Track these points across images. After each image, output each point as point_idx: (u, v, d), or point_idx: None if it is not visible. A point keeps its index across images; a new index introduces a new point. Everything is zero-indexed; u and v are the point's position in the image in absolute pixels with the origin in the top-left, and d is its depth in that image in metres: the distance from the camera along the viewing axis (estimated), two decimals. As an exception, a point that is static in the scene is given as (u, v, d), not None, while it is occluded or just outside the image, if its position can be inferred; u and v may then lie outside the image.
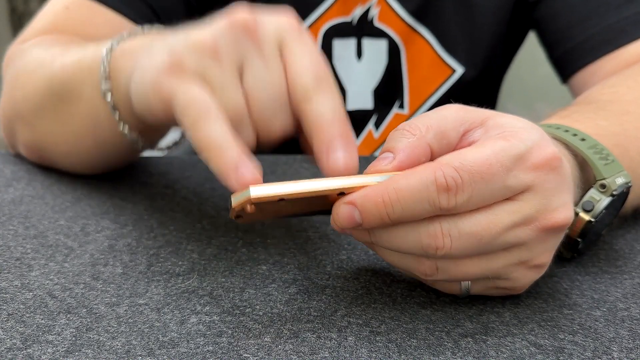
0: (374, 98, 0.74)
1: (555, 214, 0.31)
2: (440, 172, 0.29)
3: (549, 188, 0.31)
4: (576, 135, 0.40)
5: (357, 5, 0.70)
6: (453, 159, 0.30)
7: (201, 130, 0.32)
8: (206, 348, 0.31)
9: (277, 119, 0.34)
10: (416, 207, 0.30)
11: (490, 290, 0.35)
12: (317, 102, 0.33)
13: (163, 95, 0.34)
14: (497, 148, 0.30)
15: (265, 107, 0.34)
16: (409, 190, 0.30)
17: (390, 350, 0.31)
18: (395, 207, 0.30)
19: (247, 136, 0.34)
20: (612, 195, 0.38)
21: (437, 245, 0.30)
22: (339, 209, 0.31)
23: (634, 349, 0.32)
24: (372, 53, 0.72)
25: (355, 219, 0.31)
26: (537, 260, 0.33)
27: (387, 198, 0.30)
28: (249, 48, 0.34)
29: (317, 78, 0.34)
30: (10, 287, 0.36)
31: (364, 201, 0.30)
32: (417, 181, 0.30)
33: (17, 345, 0.31)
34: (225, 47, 0.34)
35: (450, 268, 0.32)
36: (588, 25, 0.64)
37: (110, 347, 0.31)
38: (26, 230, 0.43)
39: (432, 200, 0.29)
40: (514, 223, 0.31)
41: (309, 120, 0.34)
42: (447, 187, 0.29)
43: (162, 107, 0.34)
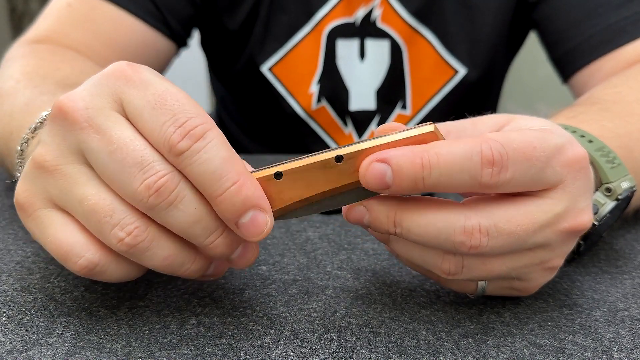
0: (377, 98, 0.74)
1: (581, 215, 0.31)
2: (487, 144, 0.28)
3: (578, 187, 0.31)
4: (584, 137, 0.40)
5: (361, 6, 0.70)
6: (498, 135, 0.29)
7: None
8: (206, 349, 0.31)
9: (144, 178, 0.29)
10: (455, 177, 0.28)
11: (504, 291, 0.34)
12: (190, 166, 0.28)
13: (33, 236, 0.32)
14: (539, 136, 0.29)
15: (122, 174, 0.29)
16: (451, 156, 0.28)
17: (390, 350, 0.31)
18: (433, 172, 0.28)
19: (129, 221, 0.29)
20: (617, 200, 0.38)
21: (472, 244, 0.29)
22: (368, 166, 0.29)
23: (634, 349, 0.32)
24: (375, 54, 0.72)
25: (386, 179, 0.28)
26: (554, 262, 0.33)
27: (426, 160, 0.28)
28: (78, 133, 0.29)
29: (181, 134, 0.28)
30: (10, 290, 0.36)
31: (401, 160, 0.28)
32: (462, 149, 0.28)
33: (17, 348, 0.31)
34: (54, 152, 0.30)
35: (476, 266, 0.31)
36: (588, 25, 0.64)
37: (111, 350, 0.31)
38: (26, 234, 0.43)
39: (474, 172, 0.28)
40: (547, 222, 0.30)
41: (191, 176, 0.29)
42: (493, 161, 0.28)
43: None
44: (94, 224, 0.30)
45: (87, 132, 0.29)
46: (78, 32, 0.60)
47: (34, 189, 0.31)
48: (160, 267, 0.31)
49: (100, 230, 0.30)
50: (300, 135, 0.76)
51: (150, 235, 0.30)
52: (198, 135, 0.28)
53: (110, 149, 0.29)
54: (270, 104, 0.75)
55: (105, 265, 0.31)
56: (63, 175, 0.30)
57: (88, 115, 0.29)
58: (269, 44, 0.72)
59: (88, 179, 0.30)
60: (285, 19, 0.71)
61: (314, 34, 0.71)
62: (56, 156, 0.30)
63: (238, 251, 0.32)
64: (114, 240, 0.29)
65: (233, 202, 0.29)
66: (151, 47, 0.65)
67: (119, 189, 0.29)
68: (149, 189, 0.28)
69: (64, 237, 0.30)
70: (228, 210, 0.29)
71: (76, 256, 0.30)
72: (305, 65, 0.72)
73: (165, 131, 0.28)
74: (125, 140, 0.29)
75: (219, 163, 0.28)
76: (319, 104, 0.74)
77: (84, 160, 0.30)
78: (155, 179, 0.28)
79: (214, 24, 0.73)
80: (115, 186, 0.29)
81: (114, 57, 0.61)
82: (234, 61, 0.75)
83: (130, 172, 0.28)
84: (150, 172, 0.28)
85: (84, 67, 0.55)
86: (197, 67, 2.17)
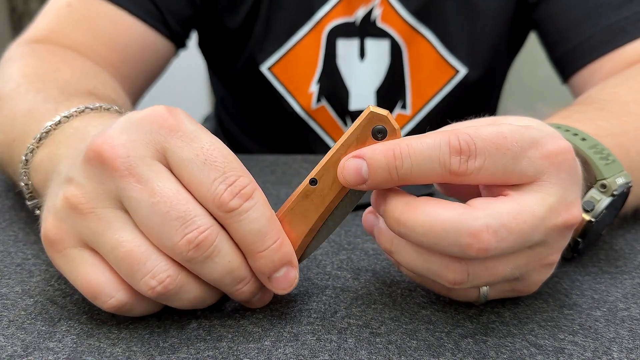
0: (377, 98, 0.74)
1: (571, 208, 0.31)
2: (454, 135, 0.29)
3: (564, 179, 0.31)
4: (577, 135, 0.40)
5: (361, 5, 0.70)
6: (468, 128, 0.30)
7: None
8: (206, 353, 0.31)
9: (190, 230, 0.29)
10: (426, 165, 0.29)
11: (505, 293, 0.34)
12: (237, 223, 0.30)
13: (59, 270, 0.32)
14: (513, 129, 0.30)
15: (163, 227, 0.29)
16: (421, 146, 0.29)
17: (390, 351, 0.31)
18: (405, 162, 0.29)
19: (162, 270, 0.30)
20: (613, 196, 0.38)
21: (480, 247, 0.29)
22: (344, 164, 0.31)
23: (634, 349, 0.32)
24: (374, 53, 0.72)
25: (362, 172, 0.30)
26: (551, 258, 0.33)
27: (397, 151, 0.29)
28: (117, 180, 0.30)
29: (229, 195, 0.29)
30: (11, 293, 0.36)
31: (373, 154, 0.30)
32: (431, 140, 0.29)
33: (18, 353, 0.31)
34: (90, 195, 0.30)
35: (480, 272, 0.31)
36: (588, 26, 0.64)
37: (111, 354, 0.31)
38: (27, 236, 0.44)
39: (443, 161, 0.29)
40: (544, 215, 0.30)
41: (234, 233, 0.30)
42: (460, 150, 0.29)
43: None
44: (125, 270, 0.30)
45: (127, 181, 0.29)
46: (78, 32, 0.60)
47: (65, 228, 0.31)
48: (184, 306, 0.32)
49: (131, 276, 0.30)
50: (300, 135, 0.76)
51: (180, 282, 0.30)
52: (248, 195, 0.30)
53: (152, 201, 0.29)
54: (270, 103, 0.75)
55: (134, 305, 0.31)
56: (98, 219, 0.30)
57: (129, 164, 0.29)
58: (269, 44, 0.72)
59: (123, 224, 0.30)
60: (285, 18, 0.71)
61: (314, 34, 0.71)
62: (91, 199, 0.30)
63: (258, 295, 0.33)
64: (145, 288, 0.30)
65: (272, 259, 0.31)
66: (151, 48, 0.65)
67: (157, 240, 0.30)
68: (189, 244, 0.29)
69: (94, 277, 0.31)
70: (266, 266, 0.31)
71: (106, 296, 0.31)
72: (305, 64, 0.72)
73: (216, 188, 0.29)
74: (168, 193, 0.29)
75: (264, 222, 0.30)
76: (319, 103, 0.74)
77: (120, 205, 0.30)
78: (196, 234, 0.29)
79: (214, 24, 0.73)
80: (154, 237, 0.30)
81: (114, 58, 0.61)
82: (233, 61, 0.75)
83: (171, 226, 0.29)
84: (192, 226, 0.29)
85: (84, 67, 0.55)
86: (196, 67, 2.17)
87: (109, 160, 0.29)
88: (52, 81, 0.49)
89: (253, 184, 0.30)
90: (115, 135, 0.30)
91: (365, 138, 0.31)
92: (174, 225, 0.29)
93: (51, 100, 0.44)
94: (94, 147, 0.30)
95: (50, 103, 0.44)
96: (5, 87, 0.49)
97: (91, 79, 0.52)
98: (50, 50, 0.57)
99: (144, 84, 0.67)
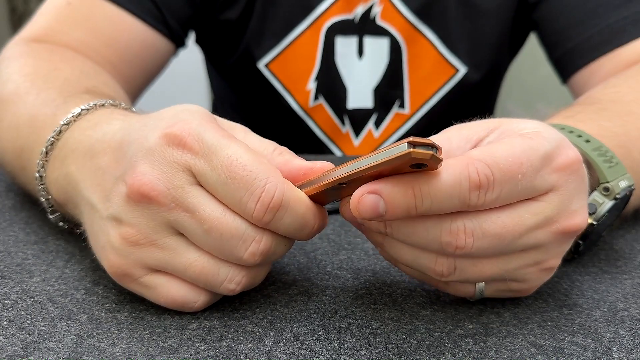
0: (374, 97, 0.74)
1: (574, 216, 0.31)
2: (473, 167, 0.28)
3: (571, 189, 0.31)
4: (581, 137, 0.40)
5: (360, 3, 0.70)
6: (484, 155, 0.29)
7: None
8: (206, 353, 0.31)
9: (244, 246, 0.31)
10: (445, 202, 0.29)
11: (502, 293, 0.35)
12: (277, 228, 0.32)
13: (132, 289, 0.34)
14: (526, 146, 0.30)
15: (223, 247, 0.31)
16: (441, 184, 0.28)
17: (390, 352, 0.31)
18: (425, 201, 0.28)
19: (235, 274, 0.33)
20: (615, 199, 0.38)
21: (458, 245, 0.30)
22: (360, 198, 0.29)
23: (634, 349, 0.32)
24: (373, 51, 0.72)
25: (379, 210, 0.29)
26: (550, 263, 0.33)
27: (417, 190, 0.28)
28: (167, 214, 0.31)
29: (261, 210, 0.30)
30: (11, 293, 0.36)
31: (392, 192, 0.29)
32: (451, 177, 0.28)
33: (18, 353, 0.31)
34: (146, 231, 0.31)
35: (467, 268, 0.31)
36: (587, 26, 0.64)
37: (111, 354, 0.31)
38: (27, 236, 0.43)
39: (463, 197, 0.29)
40: (537, 225, 0.30)
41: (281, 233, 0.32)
42: (480, 185, 0.28)
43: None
44: (203, 283, 0.33)
45: (176, 212, 0.31)
46: (78, 31, 0.60)
47: (131, 262, 0.32)
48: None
49: (211, 287, 0.33)
50: (297, 133, 0.76)
51: (254, 275, 0.33)
52: (277, 205, 0.30)
53: (205, 228, 0.31)
54: (267, 100, 0.75)
55: (216, 298, 0.35)
56: (161, 249, 0.32)
57: (172, 196, 0.31)
58: (266, 40, 0.71)
59: (187, 247, 0.32)
60: (281, 14, 0.71)
61: (312, 31, 0.71)
62: (148, 234, 0.31)
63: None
64: (226, 291, 0.33)
65: (312, 234, 0.33)
66: (150, 47, 0.65)
67: (223, 257, 0.32)
68: (254, 256, 0.31)
69: (176, 293, 0.33)
70: (308, 238, 0.34)
71: (192, 303, 0.33)
72: (303, 61, 0.72)
73: (246, 207, 0.30)
74: (216, 216, 0.31)
75: (301, 220, 0.31)
76: (317, 101, 0.74)
77: (175, 232, 0.32)
78: (256, 245, 0.31)
79: (211, 22, 0.72)
80: (219, 255, 0.32)
81: (114, 57, 0.61)
82: (230, 54, 0.75)
83: (230, 245, 0.31)
84: (248, 240, 0.31)
85: (84, 67, 0.55)
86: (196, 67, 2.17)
87: (153, 199, 0.30)
88: (52, 80, 0.48)
89: (280, 187, 0.30)
90: (148, 172, 0.31)
91: (402, 168, 0.29)
92: (233, 244, 0.31)
93: (50, 103, 0.44)
94: (135, 190, 0.31)
95: (50, 107, 0.44)
96: (5, 88, 0.49)
97: (91, 78, 0.52)
98: (49, 49, 0.56)
99: (143, 83, 0.67)
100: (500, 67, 0.79)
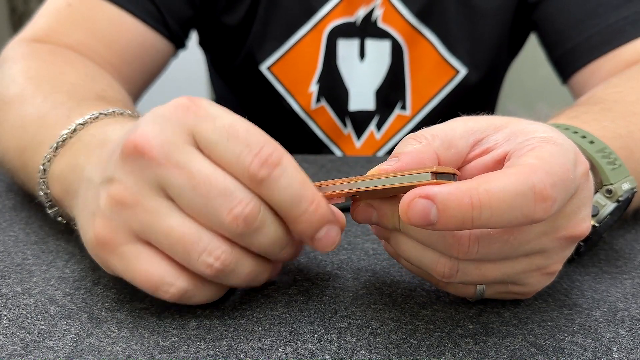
0: (376, 99, 0.74)
1: (580, 224, 0.31)
2: (537, 177, 0.26)
3: (584, 197, 0.31)
4: (585, 138, 0.40)
5: (361, 5, 0.70)
6: (542, 163, 0.27)
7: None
8: (206, 352, 0.31)
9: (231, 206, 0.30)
10: (506, 215, 0.26)
11: (502, 295, 0.35)
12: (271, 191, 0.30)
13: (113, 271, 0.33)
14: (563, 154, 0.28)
15: (207, 206, 0.30)
16: (502, 194, 0.26)
17: (390, 351, 0.31)
18: (483, 213, 0.26)
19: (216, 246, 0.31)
20: (618, 201, 0.38)
21: (461, 249, 0.29)
22: (410, 202, 0.27)
23: (634, 349, 0.32)
24: (375, 54, 0.72)
25: (430, 217, 0.26)
26: (552, 268, 0.33)
27: (476, 199, 0.26)
28: (156, 169, 0.30)
29: (259, 163, 0.29)
30: (11, 293, 0.36)
31: (447, 200, 0.26)
32: (513, 186, 0.26)
33: (18, 352, 0.31)
34: (133, 188, 0.30)
35: (470, 271, 0.31)
36: (587, 26, 0.64)
37: (111, 353, 0.31)
38: (27, 236, 0.44)
39: (527, 210, 0.26)
40: (544, 232, 0.30)
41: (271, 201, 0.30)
42: (546, 197, 0.26)
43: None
44: (181, 254, 0.31)
45: (166, 168, 0.30)
46: (78, 32, 0.60)
47: (114, 225, 0.31)
48: (241, 284, 0.33)
49: (187, 258, 0.31)
50: (299, 134, 0.76)
51: (235, 257, 0.31)
52: (275, 162, 0.29)
53: (193, 183, 0.30)
54: (270, 102, 0.75)
55: (194, 291, 0.32)
56: (145, 210, 0.31)
57: (165, 152, 0.30)
58: (268, 43, 0.72)
59: (171, 211, 0.31)
60: (284, 17, 0.71)
61: (314, 33, 0.71)
62: (135, 192, 0.31)
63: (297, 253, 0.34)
64: (203, 267, 0.31)
65: (311, 221, 0.31)
66: (150, 49, 0.65)
67: (205, 220, 0.30)
68: (237, 219, 0.30)
69: (152, 269, 0.31)
70: (307, 229, 0.31)
71: (167, 285, 0.31)
72: (305, 64, 0.72)
73: (243, 161, 0.29)
74: (206, 173, 0.30)
75: (297, 187, 0.30)
76: (319, 103, 0.74)
77: (163, 194, 0.31)
78: (241, 208, 0.30)
79: (213, 24, 0.73)
80: (202, 218, 0.30)
81: (114, 58, 0.61)
82: (233, 58, 0.75)
83: (215, 203, 0.30)
84: (234, 200, 0.30)
85: (88, 70, 0.55)
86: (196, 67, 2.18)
87: (147, 151, 0.30)
88: (59, 85, 0.49)
89: (279, 150, 0.30)
90: (147, 129, 0.30)
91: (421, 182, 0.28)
92: (218, 202, 0.30)
93: (61, 106, 0.44)
94: (130, 142, 0.30)
95: (61, 109, 0.44)
96: (9, 90, 0.49)
97: (97, 81, 0.52)
98: (51, 51, 0.56)
99: (143, 84, 0.67)
100: (501, 67, 0.79)
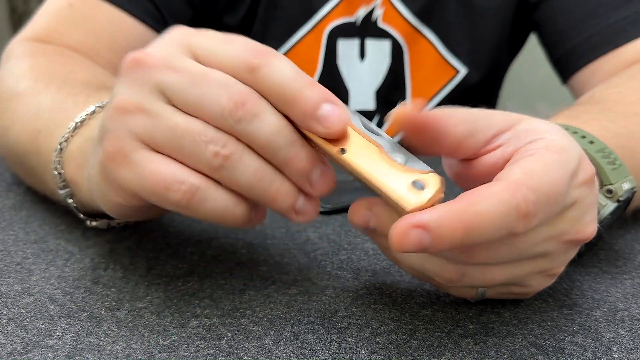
0: (376, 99, 0.74)
1: (585, 228, 0.31)
2: (521, 195, 0.27)
3: (587, 203, 0.31)
4: (585, 138, 0.40)
5: (362, 5, 0.70)
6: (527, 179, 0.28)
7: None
8: (206, 351, 0.31)
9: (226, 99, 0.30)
10: (492, 233, 0.27)
11: (503, 295, 0.35)
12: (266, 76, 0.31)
13: (125, 187, 0.32)
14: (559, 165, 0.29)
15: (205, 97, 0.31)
16: (489, 215, 0.27)
17: (390, 351, 0.31)
18: (474, 234, 0.27)
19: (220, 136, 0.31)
20: (618, 201, 0.38)
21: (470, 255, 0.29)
22: (404, 233, 0.27)
23: (634, 349, 0.32)
24: (375, 53, 0.72)
25: (424, 245, 0.27)
26: (555, 270, 0.33)
27: (468, 224, 0.27)
28: (155, 74, 0.31)
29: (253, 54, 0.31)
30: (10, 292, 0.36)
31: (441, 227, 0.27)
32: (499, 206, 0.27)
33: (17, 350, 0.31)
34: (134, 96, 0.31)
35: (476, 275, 0.31)
36: (587, 26, 0.64)
37: (111, 351, 0.31)
38: (27, 235, 0.43)
39: (509, 227, 0.27)
40: (550, 236, 0.30)
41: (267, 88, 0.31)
42: (527, 214, 0.27)
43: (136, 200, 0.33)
44: (188, 147, 0.31)
45: (165, 72, 0.31)
46: (79, 33, 0.60)
47: (120, 135, 0.32)
48: (252, 184, 0.31)
49: (195, 150, 0.31)
50: None
51: (240, 148, 0.31)
52: (269, 52, 0.31)
53: (191, 79, 0.31)
54: None
55: (206, 191, 0.31)
56: (148, 113, 0.31)
57: (164, 59, 0.31)
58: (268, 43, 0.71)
59: (173, 112, 0.31)
60: (284, 18, 0.71)
61: (314, 34, 0.71)
62: (137, 99, 0.31)
63: (317, 171, 0.32)
64: (210, 155, 0.30)
65: (308, 97, 0.30)
66: None
67: (205, 112, 0.31)
68: (235, 103, 0.30)
69: (162, 169, 0.31)
70: (306, 106, 0.30)
71: (178, 183, 0.31)
72: (305, 64, 0.72)
73: (240, 55, 0.31)
74: (204, 70, 0.31)
75: (292, 70, 0.31)
76: None
77: (164, 98, 0.31)
78: (238, 92, 0.30)
79: (213, 24, 0.73)
80: (201, 110, 0.31)
81: (115, 59, 0.61)
82: None
83: (214, 92, 0.30)
84: (233, 87, 0.30)
85: (95, 71, 0.55)
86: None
87: (146, 61, 0.31)
88: (71, 79, 0.49)
89: (272, 49, 0.31)
90: (151, 49, 0.32)
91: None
92: (216, 91, 0.30)
93: (78, 93, 0.45)
94: (131, 57, 0.32)
95: (79, 96, 0.45)
96: (19, 84, 0.49)
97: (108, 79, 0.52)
98: (56, 51, 0.56)
99: None
100: (501, 67, 0.79)
